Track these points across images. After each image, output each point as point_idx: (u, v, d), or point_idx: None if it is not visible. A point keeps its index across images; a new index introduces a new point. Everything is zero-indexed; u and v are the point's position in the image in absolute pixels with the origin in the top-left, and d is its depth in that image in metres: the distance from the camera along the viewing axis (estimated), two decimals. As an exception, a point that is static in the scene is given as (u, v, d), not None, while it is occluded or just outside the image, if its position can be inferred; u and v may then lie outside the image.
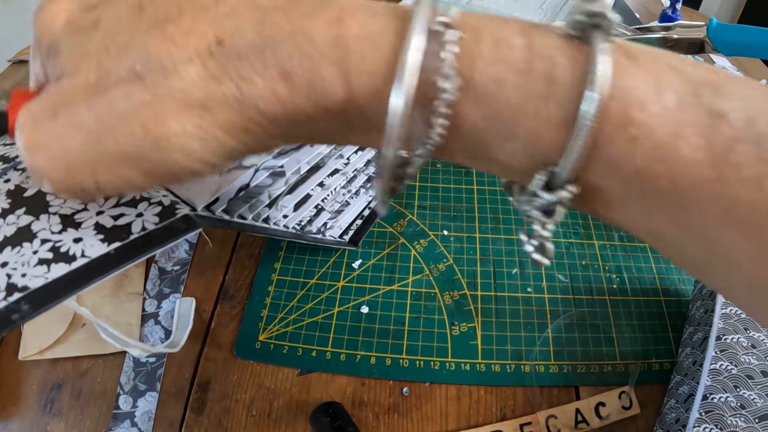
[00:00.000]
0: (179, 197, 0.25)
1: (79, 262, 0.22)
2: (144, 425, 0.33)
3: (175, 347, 0.34)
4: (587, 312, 0.38)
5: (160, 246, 0.23)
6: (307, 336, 0.37)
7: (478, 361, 0.35)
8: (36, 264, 0.23)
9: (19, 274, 0.22)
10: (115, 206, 0.25)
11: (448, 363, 0.35)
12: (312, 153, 0.33)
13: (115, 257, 0.23)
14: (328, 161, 0.36)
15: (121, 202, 0.25)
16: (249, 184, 0.29)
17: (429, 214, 0.45)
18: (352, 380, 0.35)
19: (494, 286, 0.39)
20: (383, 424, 0.33)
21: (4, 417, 0.34)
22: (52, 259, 0.23)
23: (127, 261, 0.23)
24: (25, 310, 0.21)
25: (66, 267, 0.22)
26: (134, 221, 0.24)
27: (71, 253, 0.23)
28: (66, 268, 0.22)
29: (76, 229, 0.24)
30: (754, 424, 0.28)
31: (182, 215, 0.24)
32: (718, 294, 0.34)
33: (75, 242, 0.23)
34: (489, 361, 0.35)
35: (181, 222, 0.24)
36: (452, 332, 0.37)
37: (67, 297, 0.22)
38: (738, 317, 0.32)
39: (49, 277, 0.22)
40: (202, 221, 0.24)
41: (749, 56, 0.37)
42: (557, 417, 0.33)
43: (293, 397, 0.34)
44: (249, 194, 0.29)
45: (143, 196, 0.25)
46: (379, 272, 0.40)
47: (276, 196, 0.32)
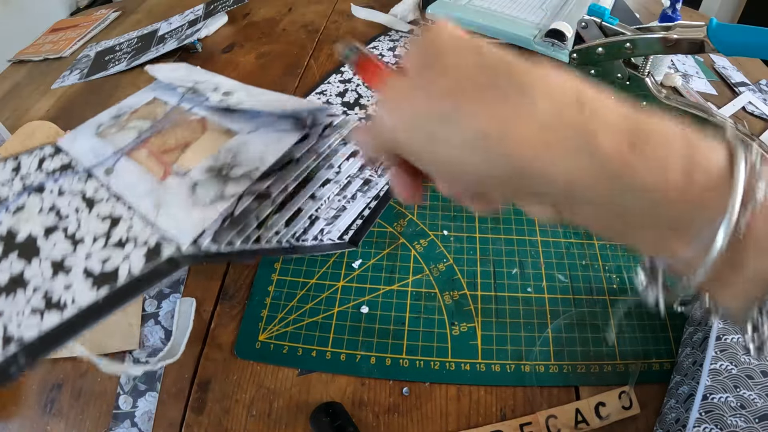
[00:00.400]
0: (165, 235, 0.26)
1: (70, 311, 0.23)
2: (144, 425, 0.33)
3: (174, 356, 0.34)
4: (587, 312, 0.38)
5: (148, 288, 0.24)
6: (307, 336, 0.37)
7: (478, 361, 0.35)
8: (29, 314, 0.23)
9: (14, 324, 0.23)
10: (104, 248, 0.25)
11: (448, 363, 0.35)
12: (299, 169, 0.32)
13: (103, 304, 0.23)
14: (317, 173, 0.36)
15: (109, 243, 0.26)
16: (234, 213, 0.28)
17: (429, 214, 0.44)
18: (352, 380, 0.35)
19: (494, 286, 0.39)
20: (383, 424, 0.33)
21: (4, 417, 0.34)
22: (44, 308, 0.23)
23: (115, 306, 0.23)
24: (21, 362, 0.22)
25: (58, 316, 0.23)
26: (121, 265, 0.25)
27: (62, 302, 0.23)
28: (58, 317, 0.23)
29: (66, 274, 0.25)
30: (754, 424, 0.28)
31: (167, 258, 0.24)
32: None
33: (65, 289, 0.24)
34: (489, 361, 0.35)
35: (166, 264, 0.24)
36: (452, 332, 0.37)
37: (61, 345, 0.22)
38: (738, 317, 0.32)
39: (42, 328, 0.22)
40: (186, 260, 0.25)
41: (749, 56, 0.37)
42: (557, 417, 0.33)
43: (293, 397, 0.34)
44: (235, 221, 0.29)
45: (129, 237, 0.26)
46: (379, 272, 0.40)
47: (264, 216, 0.31)
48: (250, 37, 0.74)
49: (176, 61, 0.69)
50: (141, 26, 0.82)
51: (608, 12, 0.43)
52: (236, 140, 0.32)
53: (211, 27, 0.75)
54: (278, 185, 0.31)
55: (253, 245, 0.31)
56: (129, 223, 0.27)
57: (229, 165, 0.30)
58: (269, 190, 0.31)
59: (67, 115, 0.62)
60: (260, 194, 0.30)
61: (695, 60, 0.69)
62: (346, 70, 0.63)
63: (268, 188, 0.30)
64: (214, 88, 0.36)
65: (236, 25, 0.77)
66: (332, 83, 0.61)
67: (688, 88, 0.62)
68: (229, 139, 0.32)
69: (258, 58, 0.69)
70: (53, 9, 1.56)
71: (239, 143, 0.31)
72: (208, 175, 0.29)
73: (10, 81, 0.72)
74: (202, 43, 0.72)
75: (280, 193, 0.32)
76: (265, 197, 0.31)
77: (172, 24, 0.78)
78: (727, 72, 0.67)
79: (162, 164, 0.31)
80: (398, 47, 0.67)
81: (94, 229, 0.27)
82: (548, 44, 0.56)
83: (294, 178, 0.32)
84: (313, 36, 0.73)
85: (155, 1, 0.91)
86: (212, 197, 0.28)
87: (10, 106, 0.66)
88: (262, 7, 0.82)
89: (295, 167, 0.32)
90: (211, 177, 0.29)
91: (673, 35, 0.39)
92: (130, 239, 0.26)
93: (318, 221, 0.39)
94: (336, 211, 0.40)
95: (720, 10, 1.68)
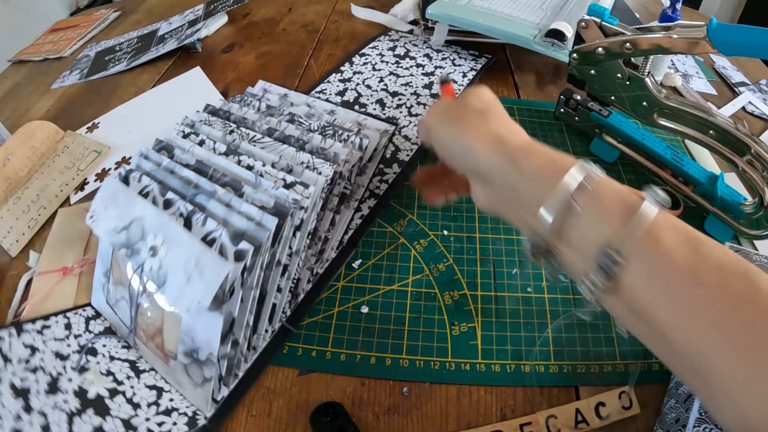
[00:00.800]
0: (194, 408, 0.33)
1: None
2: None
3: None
4: (587, 312, 0.38)
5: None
6: (307, 336, 0.37)
7: (478, 361, 0.35)
8: None
9: None
10: (156, 414, 0.31)
11: (448, 363, 0.35)
12: (250, 295, 0.32)
13: None
14: (279, 256, 0.34)
15: (159, 410, 0.32)
16: (222, 373, 0.32)
17: (429, 214, 0.45)
18: (352, 380, 0.35)
19: (494, 286, 0.39)
20: (383, 424, 0.33)
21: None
22: None
23: None
24: None
25: None
26: (172, 429, 0.31)
27: None
28: None
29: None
30: (754, 424, 0.28)
31: (202, 425, 0.32)
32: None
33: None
34: (489, 361, 0.35)
35: (201, 430, 0.32)
36: (452, 332, 0.37)
37: None
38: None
39: None
40: (215, 423, 0.32)
41: (749, 56, 0.37)
42: (557, 417, 0.33)
43: (293, 397, 0.34)
44: (227, 373, 0.33)
45: (173, 407, 0.32)
46: (379, 272, 0.40)
47: (245, 349, 0.34)
48: (250, 37, 0.74)
49: (176, 61, 0.69)
50: (141, 26, 0.82)
51: (608, 12, 0.43)
52: (184, 325, 0.32)
53: (211, 27, 0.75)
54: (241, 330, 0.32)
55: (256, 357, 0.35)
56: (171, 395, 0.33)
57: (194, 350, 0.32)
58: (236, 337, 0.32)
59: (67, 115, 0.62)
60: (232, 345, 0.32)
61: (695, 60, 0.69)
62: (347, 70, 0.63)
63: (234, 339, 0.32)
64: (141, 236, 0.32)
65: (236, 25, 0.77)
66: (332, 82, 0.61)
67: (688, 88, 0.62)
68: (180, 323, 0.32)
69: (258, 58, 0.69)
70: (53, 9, 1.56)
71: (187, 328, 0.32)
72: (189, 360, 0.32)
73: (10, 81, 0.72)
74: (202, 43, 0.72)
75: (245, 328, 0.32)
76: (236, 344, 0.32)
77: (172, 24, 0.78)
78: (727, 72, 0.67)
79: (158, 348, 0.34)
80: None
81: (146, 396, 0.33)
82: (548, 44, 0.56)
83: (261, 266, 0.31)
84: (313, 36, 0.73)
85: (155, 1, 0.91)
86: (200, 381, 0.32)
87: (10, 106, 0.66)
88: (262, 7, 0.82)
89: (243, 303, 0.31)
90: (191, 362, 0.32)
91: (672, 35, 0.39)
92: (173, 409, 0.32)
93: (302, 274, 0.38)
94: (321, 243, 0.39)
95: (720, 10, 1.68)
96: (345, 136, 0.38)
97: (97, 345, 0.35)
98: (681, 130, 0.43)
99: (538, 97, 0.60)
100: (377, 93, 0.58)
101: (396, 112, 0.55)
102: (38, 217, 0.47)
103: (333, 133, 0.39)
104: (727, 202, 0.42)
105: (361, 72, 0.62)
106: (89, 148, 0.54)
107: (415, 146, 0.50)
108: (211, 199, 0.32)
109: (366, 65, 0.64)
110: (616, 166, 0.50)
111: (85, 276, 0.40)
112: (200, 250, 0.29)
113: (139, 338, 0.35)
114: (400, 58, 0.65)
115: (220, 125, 0.39)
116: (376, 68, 0.63)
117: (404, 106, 0.56)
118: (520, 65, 0.65)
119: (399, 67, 0.63)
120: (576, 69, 0.47)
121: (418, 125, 0.35)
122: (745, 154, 0.40)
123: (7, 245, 0.45)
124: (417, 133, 0.47)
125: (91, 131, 0.57)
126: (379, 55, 0.66)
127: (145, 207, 0.32)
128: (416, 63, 0.64)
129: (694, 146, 0.53)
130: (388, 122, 0.44)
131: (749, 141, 0.39)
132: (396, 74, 0.61)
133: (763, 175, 0.39)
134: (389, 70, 0.62)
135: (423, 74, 0.61)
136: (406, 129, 0.52)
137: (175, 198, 0.32)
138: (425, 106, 0.55)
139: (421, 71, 0.62)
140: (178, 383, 0.33)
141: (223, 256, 0.29)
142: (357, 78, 0.61)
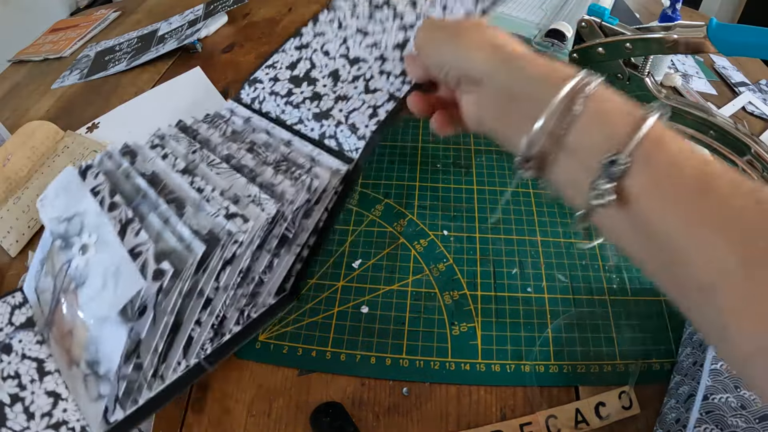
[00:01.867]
0: (85, 423, 0.31)
1: None
2: (144, 425, 0.33)
3: None
4: (587, 312, 0.38)
5: None
6: (307, 336, 0.37)
7: (478, 361, 0.35)
8: None
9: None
10: (47, 428, 0.31)
11: (448, 363, 0.35)
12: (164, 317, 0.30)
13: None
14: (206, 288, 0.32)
15: (50, 423, 0.31)
16: (118, 394, 0.31)
17: (429, 214, 0.44)
18: (352, 380, 0.35)
19: (494, 286, 0.39)
20: (383, 424, 0.33)
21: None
22: None
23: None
24: None
25: None
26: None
27: None
28: None
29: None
30: (754, 425, 0.28)
31: None
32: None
33: None
34: (489, 361, 0.35)
35: None
36: (452, 332, 0.37)
37: None
38: (738, 317, 0.32)
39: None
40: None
41: (749, 56, 0.37)
42: (557, 417, 0.33)
43: (293, 397, 0.34)
44: (125, 395, 0.31)
45: (65, 419, 0.31)
46: (379, 272, 0.40)
47: (153, 369, 0.32)
48: (250, 37, 0.74)
49: (176, 61, 0.69)
50: (141, 26, 0.82)
51: (608, 12, 0.43)
52: (90, 332, 0.31)
53: (211, 27, 0.75)
54: (147, 354, 0.30)
55: (162, 388, 0.33)
56: (65, 405, 0.32)
57: (95, 362, 0.30)
58: (140, 361, 0.30)
59: (67, 115, 0.62)
60: (135, 367, 0.30)
61: (695, 60, 0.69)
62: (307, 32, 0.51)
63: (138, 363, 0.30)
64: (79, 232, 0.32)
65: (236, 25, 0.77)
66: (287, 51, 0.51)
67: (688, 88, 0.62)
68: (87, 329, 0.31)
69: (258, 58, 0.69)
70: (53, 9, 1.57)
71: (93, 337, 0.30)
72: (89, 371, 0.31)
73: (10, 81, 0.72)
74: (202, 43, 0.72)
75: (152, 354, 0.31)
76: (139, 367, 0.31)
77: (172, 24, 0.78)
78: (727, 72, 0.67)
79: (64, 350, 0.33)
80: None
81: (42, 406, 0.32)
82: (548, 44, 0.56)
83: (160, 335, 0.30)
84: (313, 36, 0.73)
85: (155, 1, 0.91)
86: (95, 396, 0.31)
87: (10, 106, 0.66)
88: (262, 7, 0.82)
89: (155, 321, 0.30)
90: (90, 373, 0.31)
91: (672, 35, 0.39)
92: (64, 422, 0.31)
93: (229, 313, 0.35)
94: (254, 286, 0.36)
95: (720, 10, 1.68)
96: (297, 174, 0.35)
97: (14, 341, 0.34)
98: (681, 130, 0.43)
99: (538, 97, 0.60)
100: (333, 61, 0.45)
101: (350, 88, 0.42)
102: (38, 217, 0.47)
103: (286, 169, 0.36)
104: (727, 202, 0.42)
105: (323, 33, 0.49)
106: (89, 148, 0.54)
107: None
108: (152, 211, 0.31)
109: (332, 23, 0.49)
110: (616, 166, 0.50)
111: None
112: (123, 260, 0.29)
113: (53, 335, 0.34)
114: (377, 7, 0.47)
115: (185, 143, 0.39)
116: (342, 26, 0.48)
117: (362, 79, 0.42)
118: (520, 65, 0.65)
119: (371, 21, 0.47)
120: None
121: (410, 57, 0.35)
122: (745, 154, 0.40)
123: (6, 245, 0.45)
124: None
125: (91, 131, 0.57)
126: (352, 7, 0.50)
127: (90, 204, 0.32)
128: (395, 12, 0.46)
129: (694, 146, 0.53)
130: (342, 159, 0.37)
131: (749, 141, 0.39)
132: (364, 31, 0.46)
133: (763, 175, 0.39)
134: (357, 26, 0.47)
135: (399, 28, 0.44)
136: (355, 114, 0.40)
137: (120, 202, 0.32)
138: (389, 76, 0.40)
139: (398, 23, 0.45)
140: (75, 392, 0.32)
141: (143, 272, 0.28)
142: (316, 42, 0.49)
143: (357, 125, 0.38)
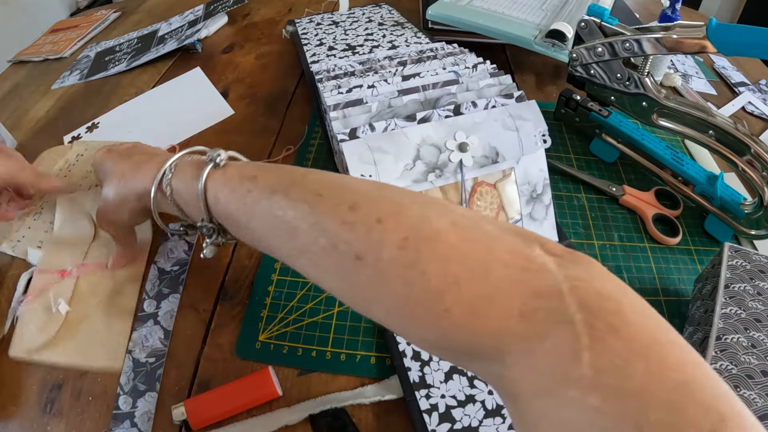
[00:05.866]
0: None
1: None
2: (144, 425, 0.33)
3: None
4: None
5: None
6: (307, 336, 0.37)
7: (478, 361, 0.35)
8: None
9: None
10: None
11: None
12: None
13: None
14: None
15: None
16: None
17: (429, 214, 0.44)
18: (352, 380, 0.35)
19: (494, 286, 0.39)
20: (383, 424, 0.33)
21: (4, 417, 0.34)
22: None
23: None
24: None
25: None
26: None
27: None
28: None
29: None
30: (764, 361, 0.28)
31: None
32: (718, 294, 0.34)
33: None
34: (489, 361, 0.35)
35: None
36: (452, 332, 0.37)
37: None
38: (738, 317, 0.32)
39: None
40: None
41: (749, 56, 0.37)
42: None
43: (293, 397, 0.34)
44: None
45: None
46: (379, 272, 0.40)
47: None
48: (250, 37, 0.74)
49: (176, 61, 0.69)
50: (141, 27, 0.82)
51: (608, 12, 0.43)
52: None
53: (211, 27, 0.75)
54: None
55: None
56: None
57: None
58: None
59: (67, 116, 0.62)
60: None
61: (695, 60, 0.69)
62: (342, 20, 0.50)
63: None
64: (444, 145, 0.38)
65: (236, 26, 0.77)
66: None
67: (687, 88, 0.62)
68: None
69: (258, 58, 0.69)
70: (53, 9, 1.57)
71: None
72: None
73: (10, 81, 0.72)
74: (202, 44, 0.72)
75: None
76: None
77: (172, 24, 0.78)
78: (727, 72, 0.67)
79: None
80: None
81: None
82: (548, 45, 0.56)
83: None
84: (313, 36, 0.72)
85: (155, 2, 0.91)
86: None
87: (10, 106, 0.66)
88: (262, 8, 0.82)
89: None
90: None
91: (672, 35, 0.39)
92: None
93: None
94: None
95: (720, 10, 1.68)
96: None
97: None
98: (680, 130, 0.43)
99: (538, 97, 0.60)
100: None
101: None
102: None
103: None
104: (726, 202, 0.42)
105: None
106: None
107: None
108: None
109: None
110: (616, 166, 0.50)
111: (82, 280, 0.40)
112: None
113: None
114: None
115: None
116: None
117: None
118: (521, 65, 0.65)
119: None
120: (576, 69, 0.47)
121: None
122: (745, 154, 0.40)
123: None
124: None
125: (90, 131, 0.57)
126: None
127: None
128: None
129: (693, 146, 0.53)
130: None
131: (749, 141, 0.39)
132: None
133: (762, 175, 0.39)
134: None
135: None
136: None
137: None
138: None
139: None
140: None
141: None
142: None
143: None
